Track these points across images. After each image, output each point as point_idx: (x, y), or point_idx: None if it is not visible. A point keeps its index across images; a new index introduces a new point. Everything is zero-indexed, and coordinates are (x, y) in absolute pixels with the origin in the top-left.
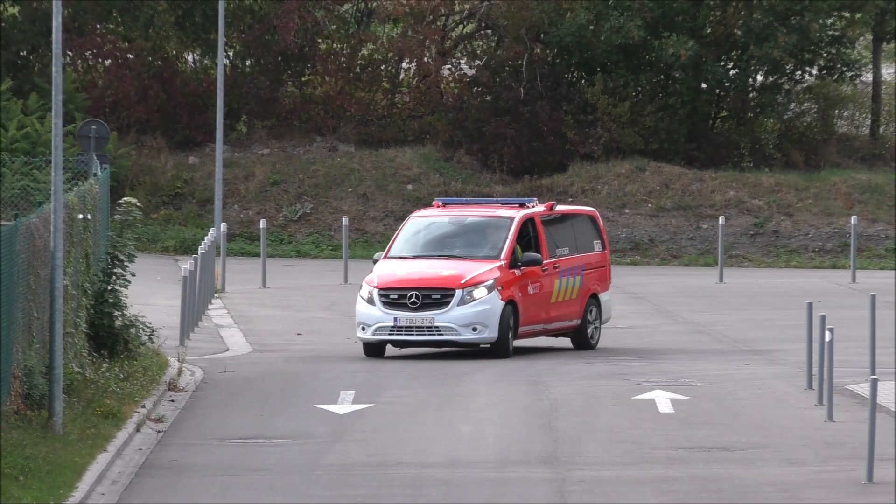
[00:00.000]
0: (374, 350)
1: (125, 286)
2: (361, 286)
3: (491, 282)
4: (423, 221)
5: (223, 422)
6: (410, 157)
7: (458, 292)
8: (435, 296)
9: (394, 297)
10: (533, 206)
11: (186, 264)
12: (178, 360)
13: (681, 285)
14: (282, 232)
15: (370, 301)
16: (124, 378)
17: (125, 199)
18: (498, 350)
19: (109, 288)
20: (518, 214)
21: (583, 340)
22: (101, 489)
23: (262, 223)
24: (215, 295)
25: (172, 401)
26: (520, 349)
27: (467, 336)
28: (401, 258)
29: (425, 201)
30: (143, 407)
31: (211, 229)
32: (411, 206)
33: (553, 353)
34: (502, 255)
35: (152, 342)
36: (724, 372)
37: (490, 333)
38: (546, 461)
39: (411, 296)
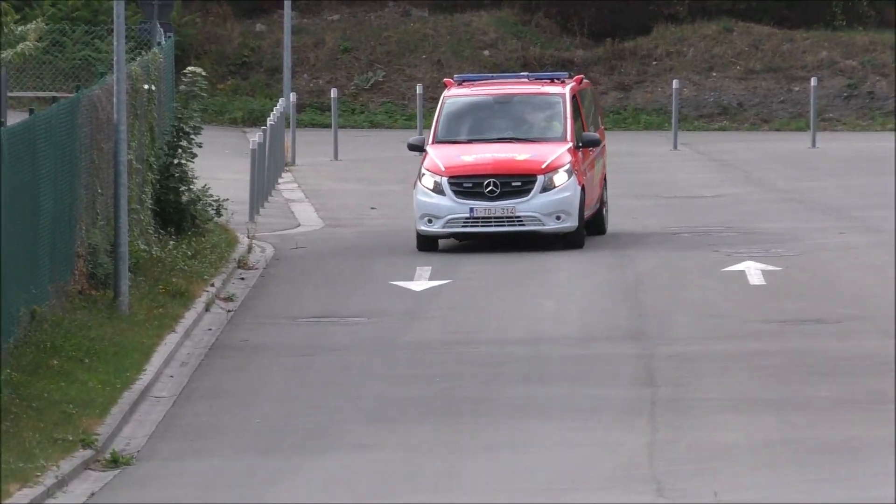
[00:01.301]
0: (428, 243)
1: (191, 160)
2: (421, 174)
3: (569, 166)
4: (464, 101)
5: (295, 300)
6: (487, 22)
7: (540, 178)
8: (515, 183)
9: (468, 185)
10: (568, 82)
11: (255, 136)
12: (248, 237)
13: (771, 151)
14: (353, 101)
15: (437, 190)
16: (192, 255)
17: (190, 68)
18: (576, 239)
19: (175, 162)
20: (566, 90)
21: (599, 224)
22: (169, 371)
23: (333, 92)
24: (285, 168)
25: (242, 279)
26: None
27: (551, 226)
28: (454, 142)
29: (503, 67)
30: (213, 286)
31: (280, 99)
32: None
33: (634, 227)
34: (568, 136)
35: (220, 216)
36: (818, 241)
37: (572, 222)
38: (633, 336)
39: (488, 184)
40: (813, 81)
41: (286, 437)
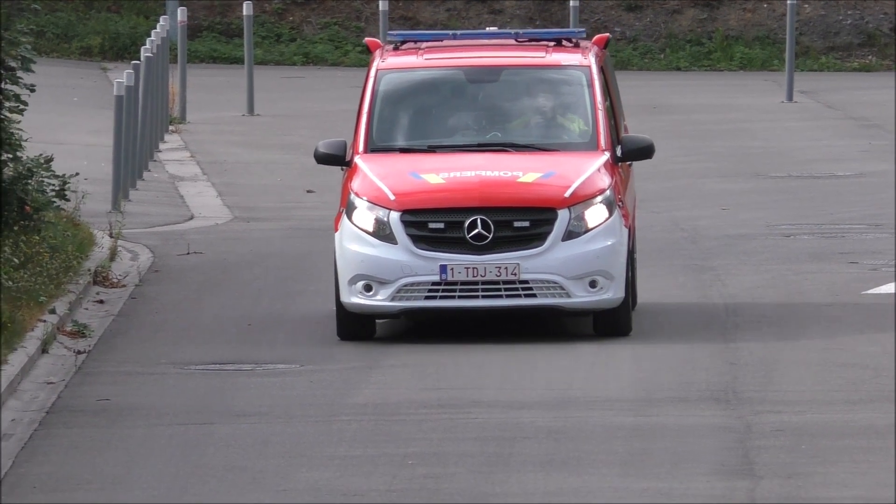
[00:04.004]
0: (359, 327)
1: (19, 112)
2: (350, 206)
3: (609, 193)
4: (413, 78)
5: (185, 337)
6: None
7: (562, 215)
8: (519, 223)
9: (436, 226)
10: (587, 44)
11: (121, 76)
12: (111, 235)
13: None
14: (280, 22)
15: (381, 234)
16: (20, 264)
17: None
18: (619, 321)
19: None
20: (591, 59)
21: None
22: None
23: (246, 8)
24: (170, 127)
25: (101, 301)
26: None
27: (580, 297)
28: (403, 151)
29: None
30: (53, 312)
31: (161, 18)
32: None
33: (723, 225)
34: (601, 140)
35: (65, 201)
36: None
37: (615, 291)
38: (719, 398)
39: (473, 223)
40: None
41: None
